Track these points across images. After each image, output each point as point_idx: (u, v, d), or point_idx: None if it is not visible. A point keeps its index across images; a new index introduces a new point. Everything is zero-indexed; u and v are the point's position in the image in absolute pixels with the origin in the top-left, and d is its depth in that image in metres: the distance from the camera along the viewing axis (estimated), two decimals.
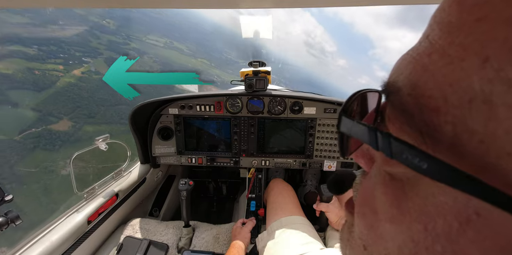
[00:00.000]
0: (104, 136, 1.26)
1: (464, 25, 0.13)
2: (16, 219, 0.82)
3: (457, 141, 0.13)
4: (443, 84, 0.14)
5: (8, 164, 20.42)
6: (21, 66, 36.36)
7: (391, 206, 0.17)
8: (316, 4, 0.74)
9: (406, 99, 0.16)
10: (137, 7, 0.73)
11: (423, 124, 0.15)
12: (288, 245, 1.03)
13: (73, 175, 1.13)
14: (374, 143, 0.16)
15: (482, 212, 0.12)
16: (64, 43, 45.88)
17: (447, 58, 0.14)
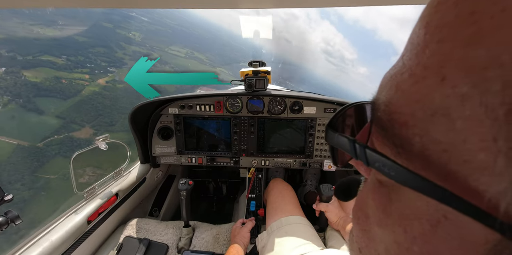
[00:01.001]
0: (104, 136, 1.26)
1: (427, 46, 0.14)
2: (16, 219, 0.82)
3: (425, 150, 0.14)
4: (411, 101, 0.15)
5: (29, 170, 21.31)
6: (49, 75, 38.39)
7: (378, 210, 0.19)
8: (316, 4, 0.74)
9: (382, 115, 0.17)
10: (137, 7, 0.73)
11: (395, 137, 0.16)
12: (288, 245, 1.04)
13: (73, 175, 1.13)
14: (354, 153, 0.17)
15: (449, 215, 0.13)
16: (91, 54, 48.43)
17: (414, 77, 0.15)
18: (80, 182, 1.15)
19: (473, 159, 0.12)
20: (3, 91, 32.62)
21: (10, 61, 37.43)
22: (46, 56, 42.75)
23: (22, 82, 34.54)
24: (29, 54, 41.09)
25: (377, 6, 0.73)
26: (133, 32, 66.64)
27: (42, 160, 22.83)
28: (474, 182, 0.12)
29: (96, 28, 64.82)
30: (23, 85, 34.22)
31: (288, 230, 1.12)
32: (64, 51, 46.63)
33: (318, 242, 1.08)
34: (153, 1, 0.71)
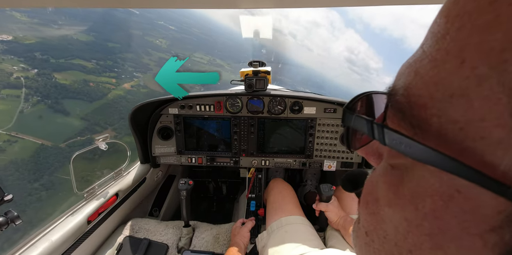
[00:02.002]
0: (104, 136, 1.26)
1: (448, 33, 0.15)
2: (16, 219, 0.82)
3: (442, 130, 0.15)
4: (429, 84, 0.16)
5: (49, 171, 21.45)
6: (78, 78, 39.70)
7: (389, 192, 0.20)
8: (316, 4, 0.74)
9: (401, 99, 0.18)
10: (137, 7, 0.74)
11: (413, 118, 0.17)
12: (288, 245, 1.04)
13: (73, 175, 1.13)
14: (371, 133, 0.18)
15: (462, 189, 0.14)
16: (120, 59, 50.07)
17: (434, 62, 0.16)
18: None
19: (489, 135, 0.13)
20: (33, 91, 33.80)
21: (43, 63, 39.01)
22: (77, 60, 44.40)
23: (52, 83, 35.75)
24: (62, 58, 42.84)
25: (377, 6, 0.73)
26: (160, 39, 68.93)
27: (63, 161, 22.79)
28: (490, 156, 0.13)
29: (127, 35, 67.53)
30: (53, 87, 35.40)
31: (288, 230, 1.13)
32: (94, 56, 48.42)
33: (318, 242, 1.09)
34: (153, 1, 0.71)
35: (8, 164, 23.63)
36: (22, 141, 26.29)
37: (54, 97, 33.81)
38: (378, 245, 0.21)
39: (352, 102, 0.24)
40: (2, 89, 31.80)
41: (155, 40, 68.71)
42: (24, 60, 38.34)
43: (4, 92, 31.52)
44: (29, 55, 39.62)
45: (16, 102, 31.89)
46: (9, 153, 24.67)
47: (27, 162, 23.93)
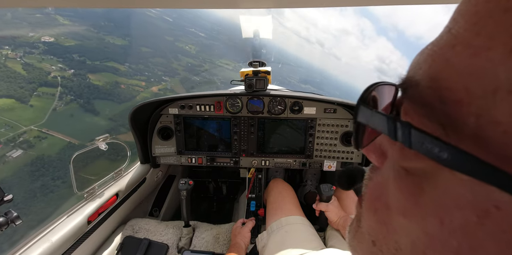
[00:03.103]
0: (104, 136, 1.26)
1: (491, 16, 0.13)
2: (16, 219, 0.82)
3: (481, 132, 0.12)
4: (466, 75, 0.13)
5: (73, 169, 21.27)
6: (111, 79, 40.95)
7: (406, 201, 0.17)
8: (316, 4, 0.73)
9: (426, 92, 0.16)
10: (137, 7, 0.73)
11: (444, 116, 0.14)
12: (288, 245, 1.03)
13: (73, 175, 1.13)
14: (393, 134, 0.16)
15: (502, 205, 0.12)
16: (150, 63, 51.56)
17: (472, 49, 0.13)
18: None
19: None
20: (68, 90, 34.88)
21: (79, 64, 40.61)
22: (112, 63, 46.06)
23: (86, 84, 36.93)
24: (97, 60, 44.54)
25: (377, 6, 0.72)
26: (190, 45, 70.60)
27: (87, 160, 22.10)
28: None
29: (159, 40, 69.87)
30: (86, 87, 36.48)
31: (288, 230, 1.12)
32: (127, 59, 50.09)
33: (318, 242, 1.08)
34: (153, 1, 0.71)
35: (34, 160, 23.89)
36: (51, 137, 26.72)
37: (86, 97, 34.67)
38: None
39: (366, 92, 0.20)
40: (39, 87, 32.98)
41: (185, 46, 70.49)
42: (62, 61, 40.05)
43: (41, 89, 32.70)
44: (67, 56, 41.44)
45: (50, 99, 32.93)
46: (37, 149, 25.05)
47: (53, 159, 24.04)
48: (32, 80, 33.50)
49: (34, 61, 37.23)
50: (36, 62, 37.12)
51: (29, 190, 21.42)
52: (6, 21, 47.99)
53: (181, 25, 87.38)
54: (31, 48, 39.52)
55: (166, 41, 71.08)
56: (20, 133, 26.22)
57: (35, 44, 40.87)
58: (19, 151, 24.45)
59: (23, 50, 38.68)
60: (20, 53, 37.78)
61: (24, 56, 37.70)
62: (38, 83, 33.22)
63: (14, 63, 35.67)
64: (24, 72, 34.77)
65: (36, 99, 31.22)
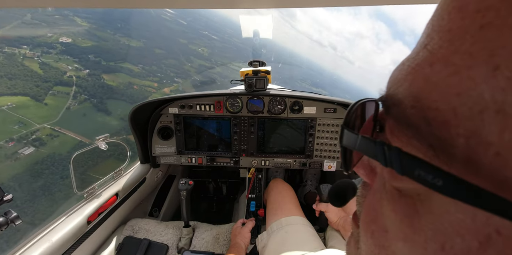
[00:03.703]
0: (104, 135, 1.25)
1: (467, 32, 0.12)
2: (16, 219, 0.82)
3: (472, 154, 0.12)
4: (449, 95, 0.13)
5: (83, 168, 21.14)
6: (124, 80, 41.42)
7: (402, 224, 0.16)
8: (316, 4, 0.73)
9: (410, 112, 0.15)
10: (137, 7, 0.72)
11: (433, 138, 0.14)
12: (288, 245, 1.03)
13: (73, 175, 1.13)
14: (382, 159, 0.15)
15: (503, 231, 0.11)
16: (163, 65, 52.08)
17: (452, 67, 0.13)
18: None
19: None
20: (82, 90, 35.27)
21: (94, 64, 41.29)
22: (126, 64, 46.73)
23: (100, 84, 37.41)
24: (112, 61, 45.18)
25: (377, 5, 0.72)
26: (203, 47, 71.21)
27: (97, 160, 21.87)
28: None
29: (173, 43, 70.71)
30: (100, 87, 36.91)
31: (288, 230, 1.12)
32: (141, 61, 50.68)
33: (318, 242, 1.08)
34: (153, 1, 0.70)
35: (45, 158, 23.93)
36: (63, 136, 26.86)
37: (100, 97, 35.00)
38: None
39: (349, 115, 0.19)
40: (54, 86, 33.46)
41: (198, 48, 71.23)
42: (78, 61, 40.83)
43: (56, 88, 33.18)
44: (83, 57, 42.27)
45: (65, 98, 33.35)
46: (48, 146, 25.15)
47: (64, 157, 23.99)
48: (48, 79, 34.10)
49: (51, 60, 38.01)
50: (53, 61, 37.88)
51: (38, 189, 21.33)
52: (26, 21, 49.50)
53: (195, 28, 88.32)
54: (49, 48, 40.44)
55: (179, 43, 71.98)
56: (33, 131, 26.46)
57: (53, 44, 41.85)
58: (31, 148, 24.61)
59: (41, 50, 39.61)
60: (38, 52, 38.68)
61: (42, 55, 38.56)
62: (53, 82, 33.78)
63: (31, 62, 36.49)
64: (41, 71, 35.48)
65: (51, 97, 31.66)
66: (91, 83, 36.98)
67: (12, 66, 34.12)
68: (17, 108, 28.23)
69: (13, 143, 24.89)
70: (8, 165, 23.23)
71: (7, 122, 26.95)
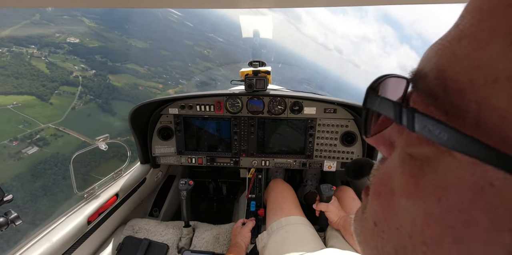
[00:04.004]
0: (104, 136, 1.25)
1: (494, 11, 0.14)
2: (16, 219, 0.82)
3: (481, 117, 0.14)
4: (470, 68, 0.14)
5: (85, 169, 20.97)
6: (130, 81, 41.47)
7: (407, 184, 0.18)
8: (316, 4, 0.72)
9: (433, 83, 0.17)
10: (137, 7, 0.72)
11: (448, 105, 0.15)
12: (288, 245, 1.03)
13: (73, 175, 1.13)
14: (398, 118, 0.17)
15: (496, 182, 0.13)
16: (169, 66, 52.13)
17: (476, 42, 0.14)
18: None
19: None
20: (88, 90, 35.28)
21: (101, 65, 41.42)
22: (132, 65, 46.85)
23: (105, 84, 37.45)
24: (119, 61, 45.31)
25: (377, 5, 0.85)
26: (208, 49, 71.36)
27: (99, 161, 21.63)
28: None
29: (179, 44, 70.95)
30: (106, 88, 36.92)
31: (288, 230, 1.12)
32: (147, 62, 50.80)
33: (318, 242, 1.08)
34: (153, 1, 0.70)
35: (49, 158, 23.83)
36: (67, 136, 26.76)
37: (105, 97, 34.98)
38: (388, 236, 0.20)
39: (376, 82, 0.22)
40: (60, 86, 33.52)
41: (204, 50, 71.45)
42: (85, 61, 41.00)
43: (62, 88, 33.24)
44: (90, 57, 42.46)
45: (70, 98, 33.38)
46: (52, 147, 25.06)
47: (67, 157, 23.84)
48: (54, 78, 34.21)
49: (58, 60, 38.19)
50: (59, 61, 38.06)
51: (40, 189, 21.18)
52: (35, 21, 49.99)
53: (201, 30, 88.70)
54: (56, 48, 40.68)
55: (185, 45, 72.21)
56: (38, 130, 26.43)
57: (60, 44, 42.08)
58: (34, 148, 24.55)
59: (49, 49, 39.83)
60: (46, 52, 38.88)
61: (49, 55, 38.78)
62: (60, 82, 33.88)
63: (38, 62, 36.66)
64: (48, 71, 35.62)
65: (56, 97, 31.71)
66: (97, 83, 37.05)
67: (19, 65, 34.30)
68: (23, 107, 28.28)
69: (17, 142, 24.87)
70: (11, 164, 23.16)
71: (12, 121, 26.98)
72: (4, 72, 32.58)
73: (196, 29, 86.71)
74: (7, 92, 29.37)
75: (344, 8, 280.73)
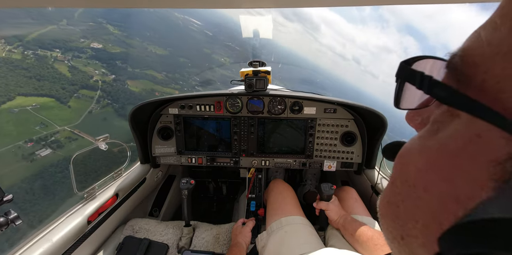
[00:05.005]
0: (104, 136, 1.27)
1: (510, 4, 0.17)
2: (16, 219, 0.83)
3: (484, 83, 0.17)
4: (484, 44, 0.17)
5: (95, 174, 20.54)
6: (147, 86, 41.83)
7: (424, 140, 0.22)
8: (316, 4, 0.74)
9: (456, 59, 0.20)
10: (137, 7, 0.73)
11: (461, 75, 0.19)
12: (287, 245, 1.04)
13: (73, 175, 1.14)
14: (419, 83, 0.20)
15: (483, 134, 0.16)
16: (186, 73, 52.52)
17: (494, 25, 0.17)
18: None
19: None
20: (106, 94, 35.65)
21: (120, 70, 42.11)
22: (150, 71, 47.45)
23: (123, 90, 37.74)
24: (138, 67, 46.04)
25: (378, 5, 0.78)
26: (225, 57, 71.90)
27: (110, 165, 20.70)
28: None
29: (198, 52, 72.05)
30: (123, 92, 37.17)
31: (288, 230, 1.13)
32: (165, 68, 51.41)
33: (318, 242, 1.09)
34: (153, 1, 0.70)
35: (61, 161, 23.65)
36: (81, 139, 26.65)
37: (122, 102, 35.11)
38: (399, 189, 0.23)
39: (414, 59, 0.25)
40: (80, 89, 34.01)
41: (221, 58, 72.21)
42: (106, 66, 41.78)
43: (81, 92, 33.67)
44: (111, 62, 43.31)
45: (88, 102, 33.73)
46: (65, 150, 24.94)
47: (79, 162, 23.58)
48: (75, 82, 34.79)
49: (80, 64, 39.05)
50: (81, 65, 38.89)
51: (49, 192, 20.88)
52: (61, 26, 52.19)
53: (220, 39, 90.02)
54: (79, 52, 41.79)
55: (203, 53, 73.25)
56: (53, 133, 26.54)
57: (84, 49, 43.29)
58: (48, 150, 24.52)
59: (72, 54, 40.91)
60: (69, 56, 40.00)
61: (72, 59, 39.79)
62: (80, 85, 34.38)
63: (61, 65, 37.57)
64: (69, 74, 36.35)
65: (75, 100, 32.09)
66: (115, 88, 37.47)
67: (42, 67, 35.16)
68: (41, 109, 28.65)
69: (32, 143, 24.96)
70: (23, 166, 23.16)
71: (29, 122, 27.29)
72: (27, 73, 33.39)
73: (215, 38, 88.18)
74: (27, 94, 29.92)
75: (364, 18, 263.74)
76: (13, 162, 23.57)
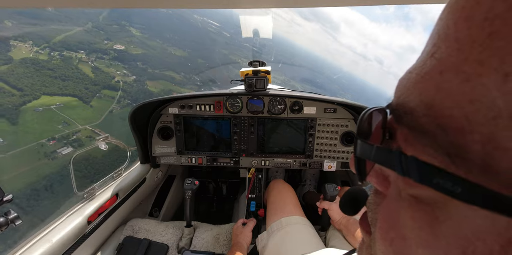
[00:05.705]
0: (104, 136, 1.28)
1: (475, 41, 0.13)
2: (16, 219, 0.82)
3: (489, 160, 0.12)
4: (462, 102, 0.13)
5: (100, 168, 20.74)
6: (166, 87, 42.41)
7: (421, 231, 0.16)
8: (316, 4, 0.74)
9: (423, 120, 0.15)
10: (137, 7, 0.73)
11: (449, 146, 0.14)
12: (287, 245, 1.02)
13: (73, 175, 1.13)
14: (400, 169, 0.15)
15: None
16: (203, 73, 52.79)
17: (463, 74, 0.13)
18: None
19: None
20: (126, 94, 36.36)
21: (141, 71, 43.02)
22: (169, 72, 48.18)
23: (143, 90, 38.38)
24: (157, 68, 46.85)
25: (378, 5, 0.76)
26: (242, 58, 72.03)
27: (121, 165, 20.88)
28: None
29: (216, 53, 72.64)
30: (143, 93, 37.79)
31: (289, 230, 1.11)
32: (184, 69, 52.00)
33: (319, 242, 1.07)
34: (153, 1, 0.71)
35: (80, 160, 24.15)
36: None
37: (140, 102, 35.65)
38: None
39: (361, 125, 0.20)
40: (102, 89, 34.89)
41: (238, 59, 72.75)
42: (127, 67, 42.77)
43: (103, 92, 34.52)
44: (132, 64, 44.37)
45: (109, 102, 34.48)
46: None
47: (98, 160, 23.98)
48: (97, 82, 35.74)
49: (103, 65, 40.16)
50: (104, 66, 39.99)
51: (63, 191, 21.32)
52: (87, 29, 54.23)
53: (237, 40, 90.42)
54: (103, 54, 43.07)
55: (221, 54, 73.78)
56: (75, 131, 27.25)
57: (107, 50, 44.62)
58: (69, 148, 25.14)
59: (96, 55, 42.26)
60: (93, 57, 41.31)
61: (95, 60, 41.05)
62: (102, 86, 35.28)
63: (84, 66, 38.80)
64: (92, 75, 37.39)
65: (96, 100, 32.90)
66: (135, 88, 38.20)
67: (67, 68, 36.32)
68: (64, 108, 29.54)
69: (54, 142, 25.72)
70: (44, 163, 23.86)
71: (53, 120, 28.18)
72: (53, 74, 34.64)
73: (232, 39, 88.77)
74: (52, 93, 30.97)
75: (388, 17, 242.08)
76: (35, 160, 24.30)
